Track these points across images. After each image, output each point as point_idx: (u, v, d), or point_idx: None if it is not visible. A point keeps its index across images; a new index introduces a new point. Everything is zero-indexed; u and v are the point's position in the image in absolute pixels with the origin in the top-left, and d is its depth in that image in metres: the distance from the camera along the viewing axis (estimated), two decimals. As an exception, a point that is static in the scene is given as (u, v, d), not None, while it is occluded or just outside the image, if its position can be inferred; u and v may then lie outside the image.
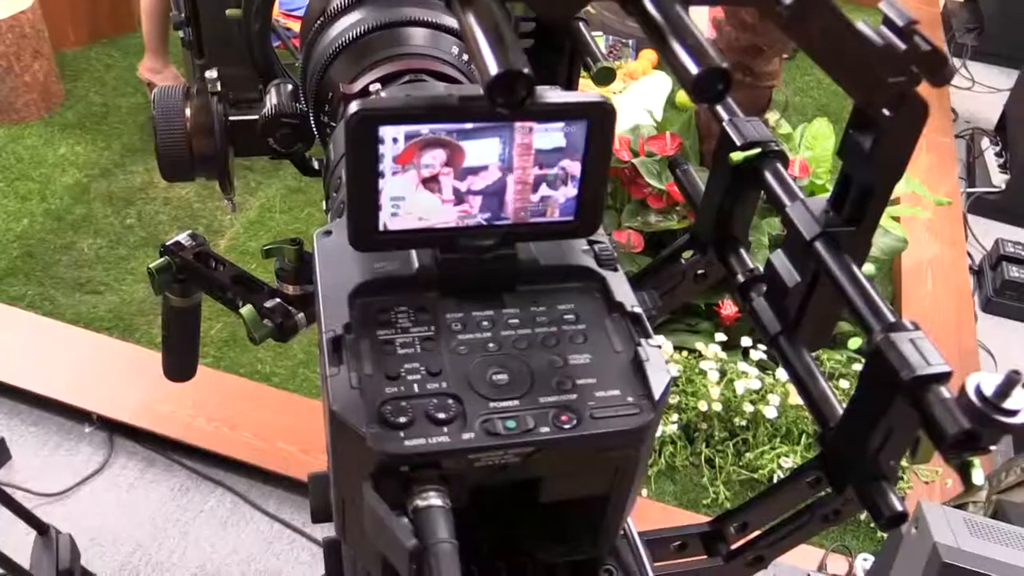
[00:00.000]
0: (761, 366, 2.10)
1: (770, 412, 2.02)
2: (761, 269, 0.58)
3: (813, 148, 2.39)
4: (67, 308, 2.35)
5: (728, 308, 2.16)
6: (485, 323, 0.45)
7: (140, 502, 1.97)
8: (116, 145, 2.92)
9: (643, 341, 0.45)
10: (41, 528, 1.66)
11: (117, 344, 2.21)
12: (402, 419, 0.40)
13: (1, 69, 2.87)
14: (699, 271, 0.66)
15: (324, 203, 0.62)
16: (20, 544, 1.65)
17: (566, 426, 0.41)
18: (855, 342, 0.59)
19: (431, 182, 0.43)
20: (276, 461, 1.96)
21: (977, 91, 3.78)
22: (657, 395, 0.42)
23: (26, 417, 2.11)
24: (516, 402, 0.42)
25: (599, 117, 0.43)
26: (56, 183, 2.75)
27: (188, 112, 0.74)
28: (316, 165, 0.79)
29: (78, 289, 2.42)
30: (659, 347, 0.44)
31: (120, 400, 2.06)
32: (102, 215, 2.66)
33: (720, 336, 2.16)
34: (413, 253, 0.47)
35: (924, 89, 0.45)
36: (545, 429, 0.41)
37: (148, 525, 1.92)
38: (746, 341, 2.14)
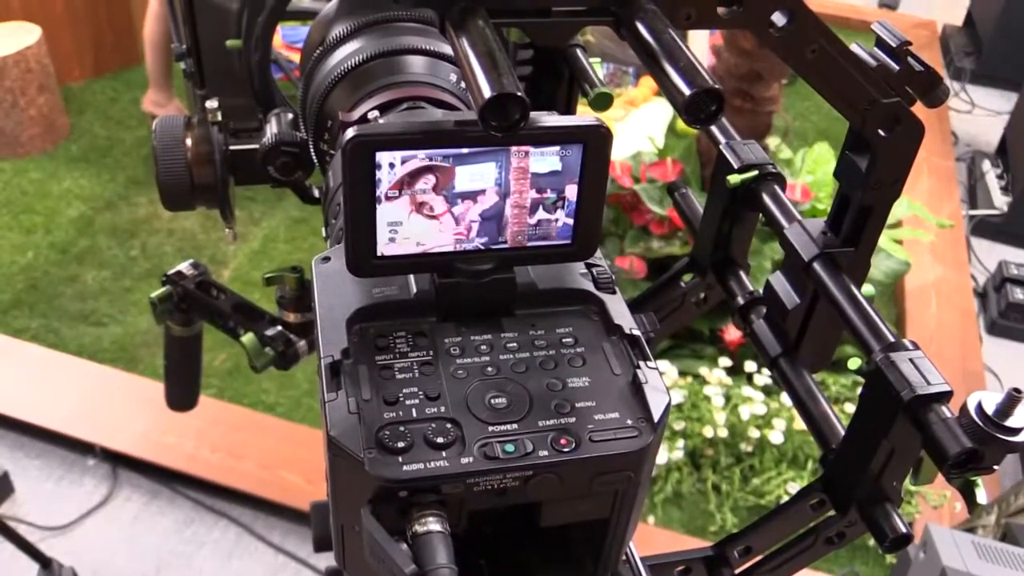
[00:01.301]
0: (766, 391, 2.09)
1: (776, 437, 2.01)
2: (761, 292, 0.58)
3: (814, 173, 2.40)
4: (71, 340, 2.35)
5: (732, 333, 2.16)
6: (483, 347, 0.45)
7: (144, 535, 1.96)
8: (120, 178, 2.93)
9: (642, 363, 0.44)
10: (44, 561, 1.65)
11: (121, 376, 2.21)
12: (400, 444, 0.40)
13: (7, 104, 2.89)
14: (699, 294, 0.66)
15: (324, 230, 0.62)
16: (23, 578, 1.64)
17: (565, 449, 0.41)
18: (855, 362, 0.59)
19: (424, 207, 0.43)
20: (280, 491, 1.95)
21: (977, 114, 3.80)
22: (656, 417, 0.42)
23: (29, 450, 2.11)
24: (515, 426, 0.42)
25: (595, 140, 0.43)
26: (61, 216, 2.77)
27: (189, 142, 0.74)
28: (316, 193, 0.79)
29: (82, 321, 2.42)
30: (657, 369, 0.44)
31: (124, 432, 2.06)
32: (106, 247, 2.67)
33: (724, 361, 2.16)
34: (411, 278, 0.47)
35: (923, 112, 0.46)
36: (544, 453, 0.41)
37: (152, 557, 1.91)
38: (751, 366, 2.13)
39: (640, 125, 3.01)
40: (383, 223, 0.43)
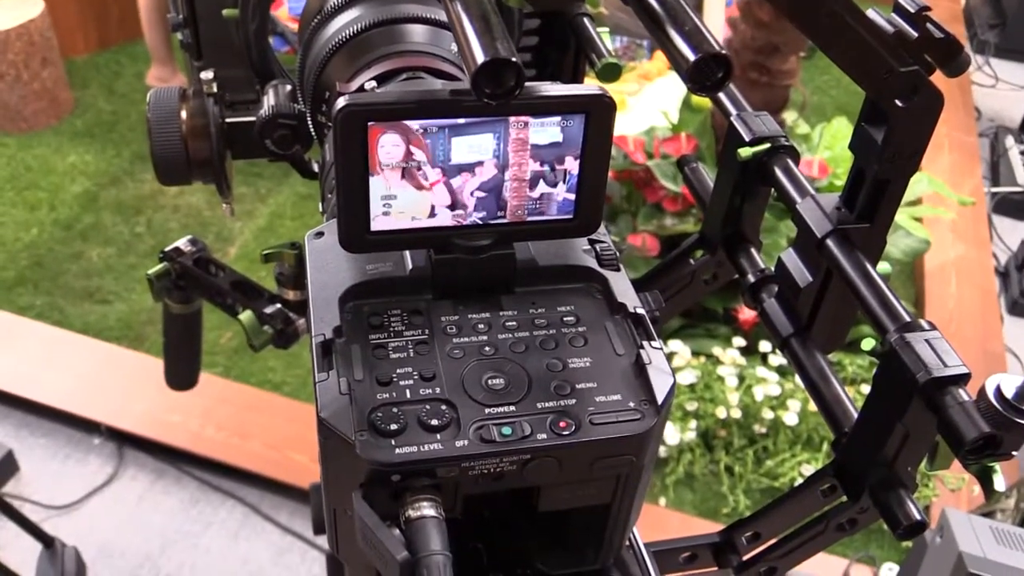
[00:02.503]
0: (780, 371, 2.08)
1: (790, 418, 2.00)
2: (772, 269, 0.57)
3: (832, 148, 2.38)
4: (76, 318, 2.36)
5: (746, 313, 2.14)
6: (481, 326, 0.44)
7: (149, 514, 1.97)
8: (126, 153, 2.93)
9: (645, 343, 0.43)
10: (46, 541, 1.66)
11: (126, 354, 2.22)
12: (393, 426, 0.39)
13: (10, 78, 2.89)
14: (709, 272, 0.65)
15: (320, 205, 0.61)
16: (26, 557, 1.65)
17: (564, 432, 0.40)
18: (868, 343, 0.57)
19: (419, 179, 0.42)
20: (287, 471, 1.95)
21: (1001, 89, 3.75)
22: (660, 399, 0.41)
23: (35, 428, 2.12)
24: (512, 408, 0.41)
25: (598, 111, 0.42)
26: (65, 192, 2.77)
27: (184, 114, 0.73)
28: (315, 167, 0.78)
29: (87, 299, 2.42)
30: (662, 349, 0.43)
31: (129, 410, 2.07)
32: (111, 224, 2.67)
33: (739, 341, 2.15)
34: (407, 254, 0.46)
35: (946, 86, 0.44)
36: (542, 436, 0.40)
37: (157, 538, 1.92)
38: (765, 346, 2.12)
39: (654, 100, 2.99)
40: (376, 196, 0.42)
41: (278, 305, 0.81)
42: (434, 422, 0.40)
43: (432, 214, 0.43)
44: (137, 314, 2.38)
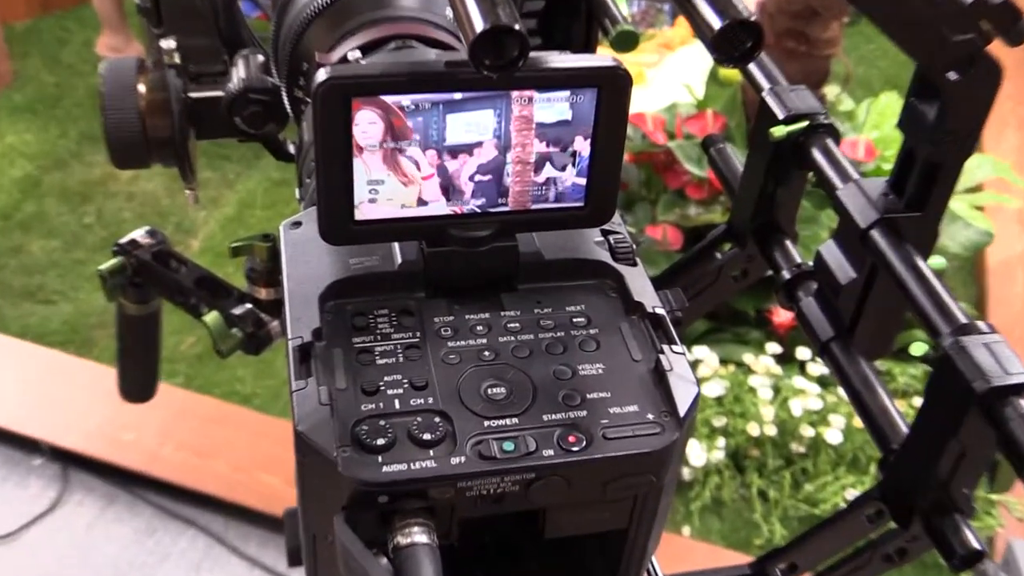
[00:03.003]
0: (822, 382, 2.09)
1: (833, 436, 2.01)
2: (810, 264, 0.58)
3: (880, 127, 2.38)
4: (14, 320, 2.36)
5: (782, 315, 2.15)
6: (480, 328, 0.45)
7: (99, 545, 1.97)
8: (72, 132, 2.94)
9: (666, 348, 0.44)
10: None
11: (72, 361, 2.22)
12: (380, 441, 0.40)
13: (-61, 46, 2.90)
14: (738, 268, 0.66)
15: (297, 191, 0.61)
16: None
17: (574, 448, 0.41)
18: (919, 347, 0.57)
19: (409, 162, 0.42)
20: (257, 496, 1.96)
21: (1075, 59, 3.75)
22: (682, 411, 0.42)
23: (-33, 447, 2.13)
24: (515, 420, 0.41)
25: (611, 85, 0.42)
26: (2, 176, 2.78)
27: (142, 88, 0.74)
28: (292, 148, 0.78)
29: (28, 298, 2.43)
30: (684, 355, 0.44)
31: (75, 427, 2.07)
32: (56, 213, 2.68)
33: (773, 347, 2.15)
34: (396, 247, 0.46)
35: (1011, 57, 0.45)
36: (549, 452, 0.40)
37: (108, 571, 1.93)
38: (804, 352, 2.13)
39: (676, 72, 2.99)
40: (361, 181, 0.43)
41: (249, 305, 0.82)
42: (426, 436, 0.40)
43: (424, 202, 0.44)
44: (85, 316, 2.38)
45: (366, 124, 0.41)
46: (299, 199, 0.62)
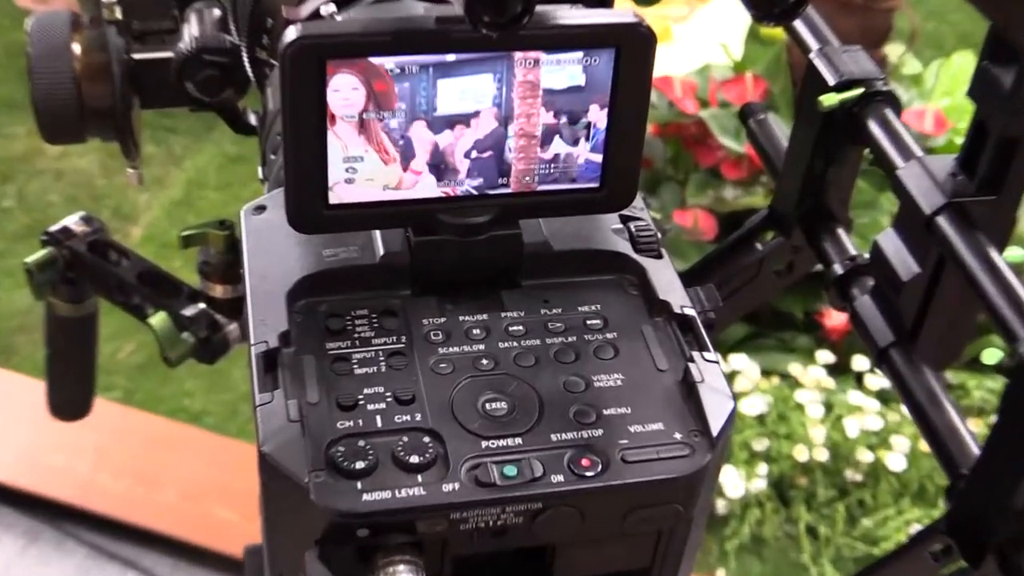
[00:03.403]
0: (882, 397, 2.09)
1: (895, 462, 2.01)
2: (867, 256, 0.58)
3: (952, 94, 2.38)
4: (-78, 323, 2.37)
5: (835, 317, 2.15)
6: (476, 331, 0.45)
7: (22, 590, 1.98)
8: (-12, 99, 2.94)
9: (696, 355, 0.44)
10: None
11: (-11, 372, 2.23)
12: (360, 464, 0.40)
13: None
14: (783, 260, 0.66)
15: (260, 170, 0.62)
16: None
17: (588, 473, 0.41)
18: (992, 354, 0.58)
19: (373, 133, 0.43)
20: (209, 532, 1.96)
21: None
22: (715, 430, 0.42)
23: None
24: (518, 440, 0.42)
25: (632, 45, 0.43)
26: (-93, 152, 2.78)
27: (77, 48, 0.74)
28: (253, 119, 0.79)
29: (-63, 297, 2.44)
30: (718, 363, 0.44)
31: (-6, 449, 2.08)
32: (-31, 195, 2.68)
33: (824, 356, 2.15)
34: (377, 235, 0.47)
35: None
36: (559, 478, 0.41)
37: (34, 621, 1.93)
38: (861, 362, 2.13)
39: (710, 27, 2.99)
40: (337, 158, 0.43)
41: (202, 305, 0.82)
42: (414, 459, 0.41)
43: (411, 181, 0.44)
44: (5, 318, 2.39)
45: (344, 91, 0.42)
46: (262, 179, 0.63)
